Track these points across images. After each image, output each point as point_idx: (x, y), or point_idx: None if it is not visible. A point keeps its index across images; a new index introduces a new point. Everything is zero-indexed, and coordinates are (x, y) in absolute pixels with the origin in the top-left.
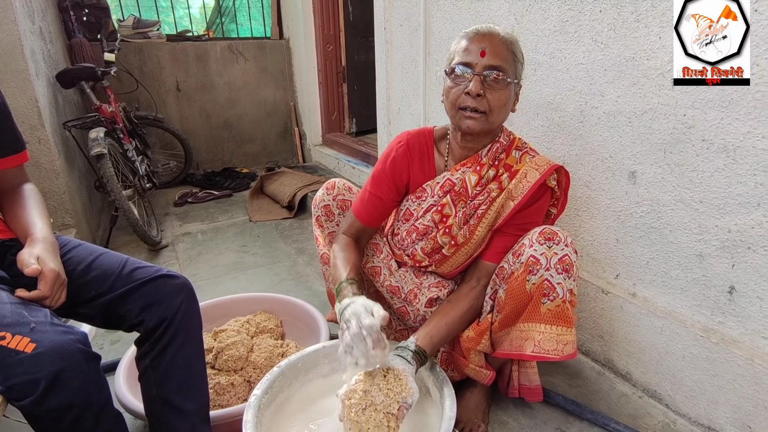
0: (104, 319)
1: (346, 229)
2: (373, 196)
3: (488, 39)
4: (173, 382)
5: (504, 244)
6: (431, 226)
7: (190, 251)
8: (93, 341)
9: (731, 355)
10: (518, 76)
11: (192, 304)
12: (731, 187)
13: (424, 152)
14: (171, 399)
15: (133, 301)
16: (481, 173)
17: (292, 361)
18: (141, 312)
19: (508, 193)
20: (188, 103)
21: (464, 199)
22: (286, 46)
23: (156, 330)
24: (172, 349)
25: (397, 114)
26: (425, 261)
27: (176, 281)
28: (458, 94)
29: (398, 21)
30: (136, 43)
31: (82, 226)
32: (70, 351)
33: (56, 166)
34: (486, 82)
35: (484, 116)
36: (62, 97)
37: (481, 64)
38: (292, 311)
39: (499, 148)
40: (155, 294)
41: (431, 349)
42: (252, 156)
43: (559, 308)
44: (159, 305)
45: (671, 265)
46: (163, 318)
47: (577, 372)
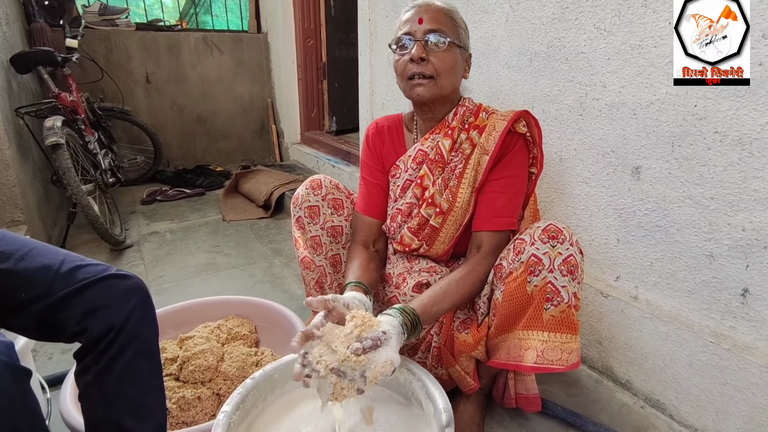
0: (39, 329)
1: (356, 238)
2: (369, 183)
3: (425, 8)
4: (123, 402)
5: (492, 206)
6: (414, 203)
7: (157, 251)
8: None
9: (744, 362)
10: (462, 41)
11: (146, 309)
12: (746, 182)
13: (393, 131)
14: (121, 422)
15: (73, 307)
16: (454, 137)
17: (268, 372)
18: (83, 319)
19: (481, 149)
20: (159, 95)
21: (441, 166)
22: (264, 40)
23: (102, 340)
24: (122, 362)
25: (381, 109)
26: (414, 242)
27: (127, 282)
28: (404, 64)
29: (384, 12)
30: (102, 30)
31: (35, 223)
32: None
33: (6, 156)
34: (428, 47)
35: (432, 81)
36: (17, 83)
37: (420, 30)
38: (267, 315)
39: (466, 111)
40: (101, 297)
41: (423, 309)
42: (226, 153)
43: (563, 314)
44: (105, 311)
45: (678, 266)
46: (110, 326)
47: (574, 380)
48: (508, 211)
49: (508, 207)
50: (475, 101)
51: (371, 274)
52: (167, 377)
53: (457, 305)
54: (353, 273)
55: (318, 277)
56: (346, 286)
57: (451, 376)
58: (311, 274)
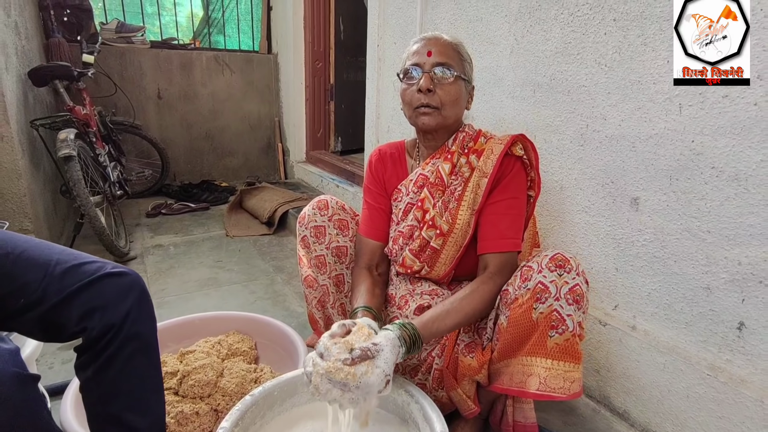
0: (42, 331)
1: (359, 261)
2: (372, 207)
3: (433, 42)
4: (122, 398)
5: (496, 228)
6: (415, 226)
7: (160, 264)
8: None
9: (740, 395)
10: (467, 75)
11: (144, 305)
12: (742, 217)
13: (395, 157)
14: (120, 416)
15: (71, 309)
16: (453, 161)
17: (268, 389)
18: (81, 320)
19: (480, 172)
20: (169, 111)
21: (441, 189)
22: (274, 61)
23: (100, 339)
24: (120, 360)
25: (387, 132)
26: (416, 264)
27: (124, 279)
28: (412, 94)
29: (392, 39)
30: (118, 47)
31: (43, 233)
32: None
33: (18, 166)
34: (435, 79)
35: (437, 111)
36: (33, 95)
37: (429, 62)
38: (268, 332)
39: (465, 137)
40: (98, 297)
41: (423, 325)
42: (232, 170)
43: (568, 342)
44: (103, 311)
45: (675, 297)
46: (108, 325)
47: (571, 408)
48: (512, 232)
49: (512, 228)
50: (475, 127)
51: (377, 299)
52: (166, 391)
53: (461, 324)
54: (362, 298)
55: (320, 296)
56: (357, 310)
57: (452, 399)
58: (314, 293)
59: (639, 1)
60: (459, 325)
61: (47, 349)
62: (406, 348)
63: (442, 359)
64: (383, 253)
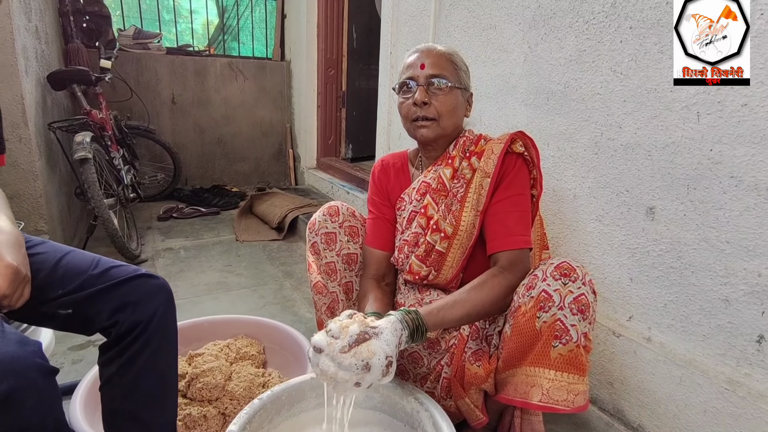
0: (67, 320)
1: (366, 272)
2: (376, 217)
3: (426, 53)
4: (141, 394)
5: (504, 226)
6: (420, 232)
7: (170, 267)
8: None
9: (759, 411)
10: (463, 83)
11: (170, 308)
12: (762, 227)
13: (398, 167)
14: (137, 412)
15: (105, 302)
16: (455, 165)
17: (276, 393)
18: (113, 314)
19: (482, 172)
20: (182, 116)
21: (444, 194)
22: (287, 68)
23: (128, 334)
24: (144, 356)
25: (398, 139)
26: (423, 269)
27: (155, 282)
28: (408, 107)
29: (405, 47)
30: (134, 53)
31: (57, 234)
32: (26, 366)
33: (35, 168)
34: (430, 91)
35: (434, 122)
36: (51, 99)
37: (422, 75)
38: (276, 337)
39: (466, 141)
40: (131, 294)
41: (428, 312)
42: (243, 175)
43: (572, 353)
44: (134, 307)
45: (692, 309)
46: (137, 321)
47: (583, 422)
48: (521, 229)
49: (520, 225)
50: (475, 132)
51: (386, 307)
52: None
53: (470, 316)
54: (371, 305)
55: (330, 302)
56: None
57: (459, 408)
58: (323, 299)
59: (656, 9)
60: (467, 316)
61: (57, 350)
62: (409, 331)
63: (451, 368)
64: (390, 264)
